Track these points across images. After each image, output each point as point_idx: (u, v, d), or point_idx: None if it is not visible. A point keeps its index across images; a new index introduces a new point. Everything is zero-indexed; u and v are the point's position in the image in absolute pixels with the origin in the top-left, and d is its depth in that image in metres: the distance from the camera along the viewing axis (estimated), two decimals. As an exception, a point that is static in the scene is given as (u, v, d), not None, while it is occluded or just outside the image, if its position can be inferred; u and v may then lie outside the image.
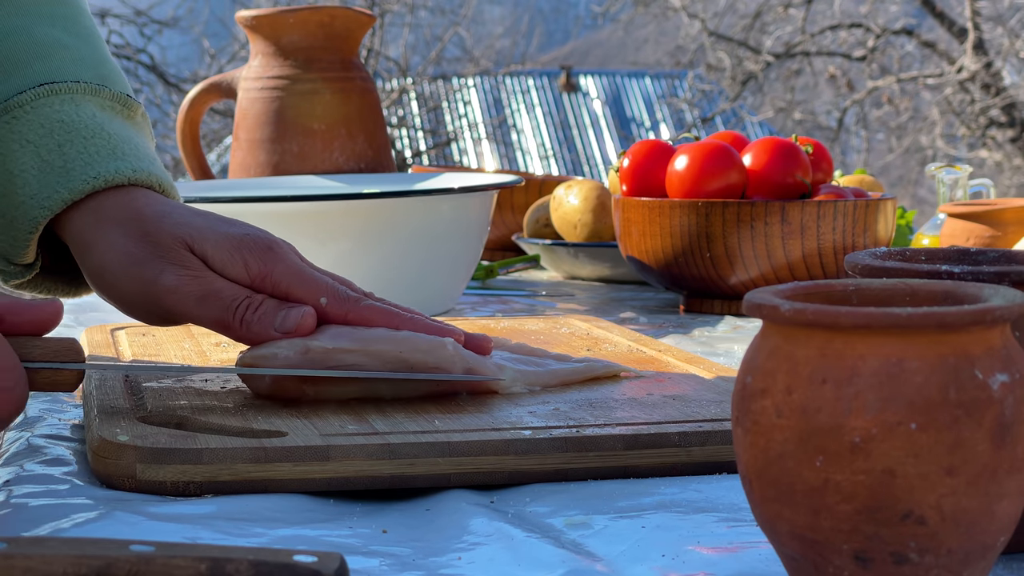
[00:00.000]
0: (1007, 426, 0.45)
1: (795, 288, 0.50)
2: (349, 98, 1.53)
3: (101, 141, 0.79)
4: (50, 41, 0.84)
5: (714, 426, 0.71)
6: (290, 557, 0.47)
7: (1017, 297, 0.47)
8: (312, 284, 0.76)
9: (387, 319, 0.77)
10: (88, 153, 0.78)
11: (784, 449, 0.46)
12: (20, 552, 0.46)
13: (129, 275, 0.76)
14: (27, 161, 0.78)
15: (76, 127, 0.79)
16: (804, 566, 0.48)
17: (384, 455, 0.66)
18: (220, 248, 0.76)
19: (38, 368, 0.70)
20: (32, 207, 0.78)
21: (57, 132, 0.79)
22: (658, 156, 1.27)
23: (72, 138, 0.79)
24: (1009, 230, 1.32)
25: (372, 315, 0.77)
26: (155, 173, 0.80)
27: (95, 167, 0.78)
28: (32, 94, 0.80)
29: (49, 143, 0.79)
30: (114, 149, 0.79)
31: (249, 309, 0.75)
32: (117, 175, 0.78)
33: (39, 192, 0.77)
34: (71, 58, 0.83)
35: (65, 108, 0.80)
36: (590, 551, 0.57)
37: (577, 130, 13.85)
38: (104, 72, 0.85)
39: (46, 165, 0.78)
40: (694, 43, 11.44)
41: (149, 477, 0.65)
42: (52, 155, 0.78)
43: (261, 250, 0.76)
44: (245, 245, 0.76)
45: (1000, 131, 10.01)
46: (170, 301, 0.75)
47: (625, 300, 1.37)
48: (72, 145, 0.79)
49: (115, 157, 0.79)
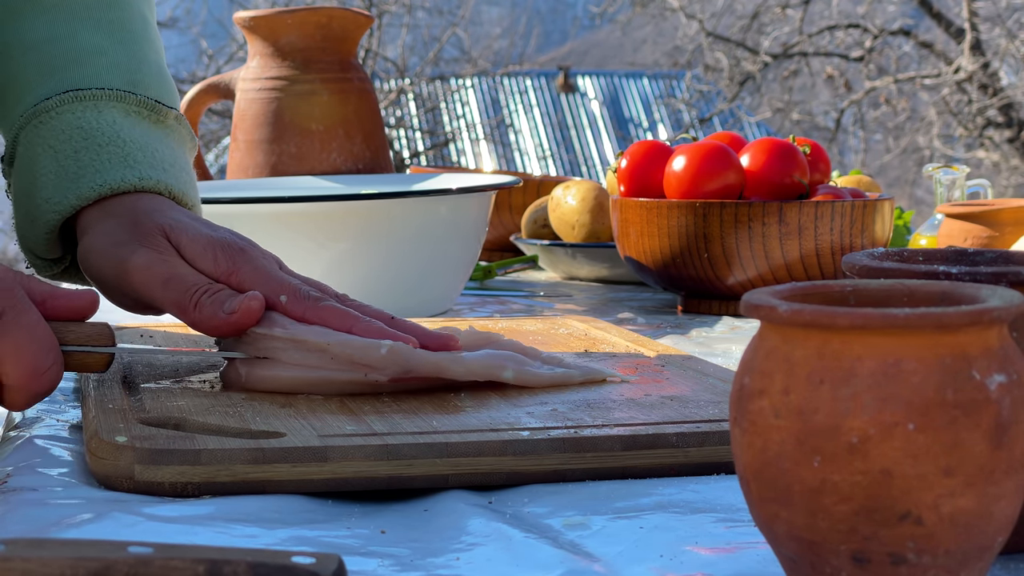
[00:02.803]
0: (1004, 427, 0.45)
1: (793, 289, 0.50)
2: (347, 99, 1.53)
3: (115, 149, 0.82)
4: (89, 47, 0.87)
5: (712, 427, 0.71)
6: (288, 558, 0.47)
7: (1015, 298, 0.47)
8: (275, 283, 0.79)
9: (341, 320, 0.78)
10: (100, 160, 0.82)
11: (782, 450, 0.46)
12: (18, 554, 0.46)
13: (107, 254, 0.79)
14: (47, 166, 0.82)
15: (93, 134, 0.83)
16: (802, 566, 0.48)
17: (382, 456, 0.66)
18: (195, 241, 0.79)
19: (72, 351, 0.74)
20: (46, 210, 0.82)
21: (75, 138, 0.82)
22: (656, 157, 1.27)
23: (88, 145, 0.82)
24: (1006, 230, 1.32)
25: (327, 316, 0.78)
26: (164, 181, 0.83)
27: (103, 175, 0.81)
28: (58, 100, 0.84)
29: (67, 149, 0.82)
30: (126, 157, 0.82)
31: (206, 294, 0.77)
32: (123, 183, 0.81)
33: (53, 196, 0.82)
34: (105, 64, 0.86)
35: (87, 115, 0.83)
36: (588, 551, 0.57)
37: (575, 131, 13.85)
38: (138, 77, 0.87)
39: (62, 170, 0.82)
40: (692, 44, 11.44)
41: (147, 478, 0.65)
42: (68, 161, 0.82)
43: (233, 250, 0.79)
44: (219, 244, 0.79)
45: (997, 131, 10.02)
46: (138, 279, 0.78)
47: (623, 301, 1.37)
48: (87, 152, 0.82)
49: (125, 165, 0.82)
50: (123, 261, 0.79)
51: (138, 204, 0.81)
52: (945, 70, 10.01)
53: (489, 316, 1.25)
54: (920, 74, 10.33)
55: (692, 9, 11.31)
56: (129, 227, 0.80)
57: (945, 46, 10.48)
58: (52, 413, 0.80)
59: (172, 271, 0.78)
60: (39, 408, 0.81)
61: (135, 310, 0.82)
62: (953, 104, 10.17)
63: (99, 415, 0.71)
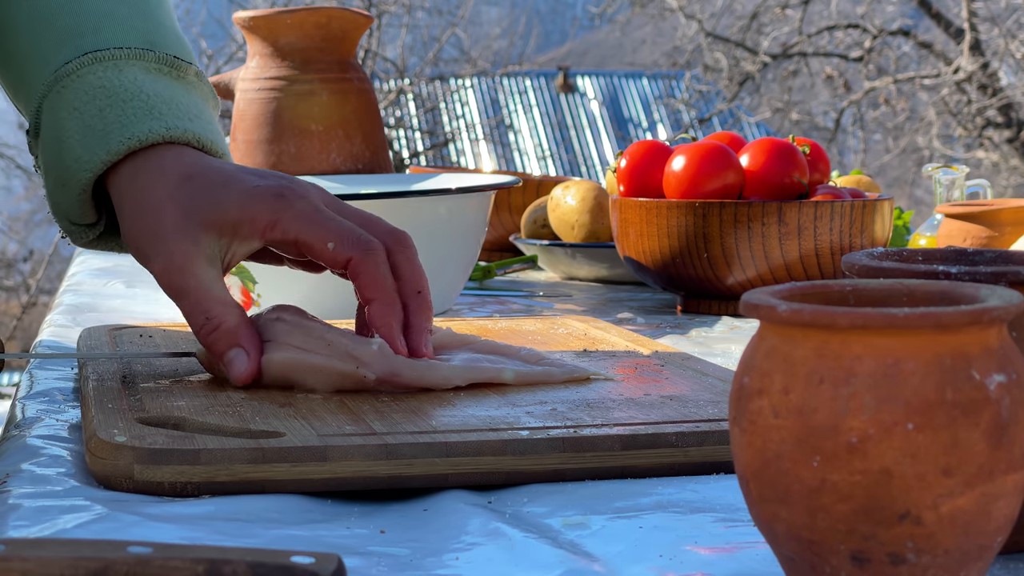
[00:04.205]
0: (1004, 426, 0.45)
1: (792, 288, 0.50)
2: (346, 99, 1.53)
3: (139, 103, 0.83)
4: (103, 12, 0.87)
5: (711, 426, 0.71)
6: (288, 558, 0.47)
7: (1014, 297, 0.47)
8: (321, 230, 0.78)
9: (370, 287, 0.79)
10: (126, 115, 0.82)
11: (781, 449, 0.46)
12: (17, 554, 0.46)
13: (136, 248, 0.81)
14: (73, 127, 0.82)
15: (116, 91, 0.83)
16: (801, 566, 0.48)
17: (382, 455, 0.66)
18: (229, 211, 0.79)
19: None
20: (77, 170, 0.82)
21: (99, 97, 0.83)
22: (655, 157, 1.27)
23: (112, 102, 0.82)
24: (1006, 230, 1.32)
25: (363, 276, 0.79)
26: (192, 130, 0.83)
27: (131, 128, 0.81)
28: (78, 63, 0.84)
29: (91, 108, 0.82)
30: (151, 110, 0.82)
31: (203, 328, 0.79)
32: (151, 134, 0.81)
33: (82, 156, 0.82)
34: (121, 27, 0.87)
35: (108, 74, 0.84)
36: (587, 551, 0.57)
37: (574, 131, 13.85)
38: (155, 38, 0.88)
39: (89, 130, 0.82)
40: (691, 44, 11.44)
41: (147, 478, 0.65)
42: (94, 120, 0.82)
43: (269, 200, 0.79)
44: (254, 198, 0.79)
45: (997, 132, 10.02)
46: (160, 283, 0.80)
47: (622, 301, 1.37)
48: (112, 109, 0.82)
49: (151, 117, 0.82)
50: (146, 263, 0.80)
51: (167, 163, 0.81)
52: (944, 70, 10.01)
53: (488, 316, 1.26)
54: (919, 74, 10.33)
55: (691, 9, 11.30)
56: (157, 212, 0.79)
57: (944, 46, 10.48)
58: (51, 413, 0.80)
59: (184, 285, 0.79)
60: (39, 408, 0.81)
61: None
62: (952, 104, 10.17)
63: (98, 415, 0.71)
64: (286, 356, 0.78)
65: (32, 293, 9.87)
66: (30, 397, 0.84)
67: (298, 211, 0.79)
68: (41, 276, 9.68)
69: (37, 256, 10.74)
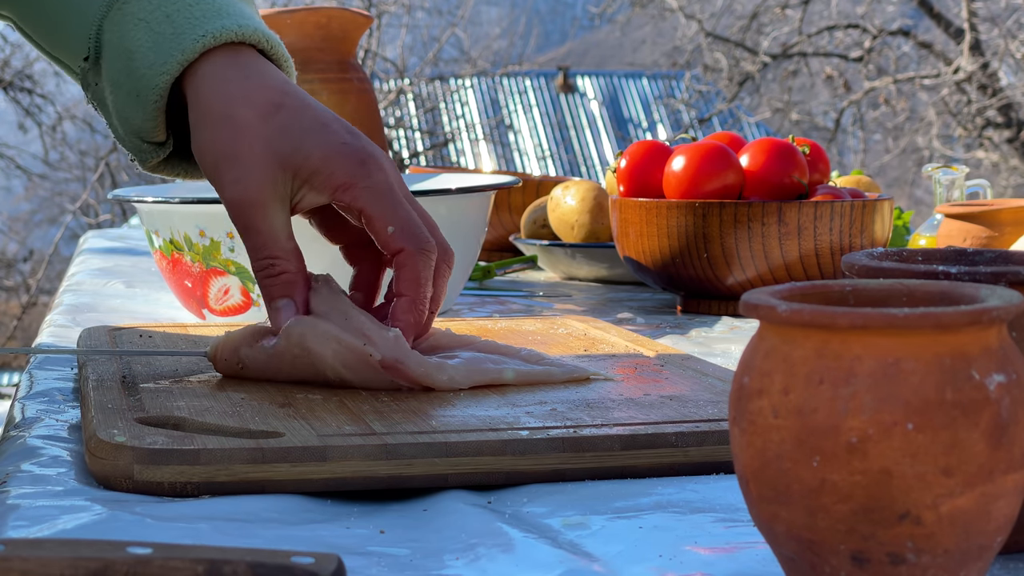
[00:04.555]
0: (1004, 426, 0.45)
1: (792, 289, 0.50)
2: (346, 99, 1.53)
3: (205, 5, 0.84)
4: None
5: (711, 426, 0.71)
6: (288, 558, 0.47)
7: (1014, 297, 0.47)
8: (389, 210, 0.80)
9: (412, 288, 0.80)
10: (194, 17, 0.83)
11: (781, 449, 0.46)
12: (17, 554, 0.46)
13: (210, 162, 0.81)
14: (141, 37, 0.83)
15: None
16: (801, 566, 0.48)
17: (381, 455, 0.66)
18: (312, 159, 0.79)
19: None
20: (152, 76, 0.82)
21: (164, 5, 0.84)
22: (655, 157, 1.27)
23: (178, 7, 0.83)
24: (1006, 230, 1.32)
25: (406, 276, 0.80)
26: (260, 30, 0.84)
27: (202, 26, 0.82)
28: None
29: (158, 16, 0.83)
30: (218, 10, 0.83)
31: (265, 271, 0.80)
32: (224, 31, 0.82)
33: (156, 61, 0.82)
34: None
35: None
36: (587, 551, 0.57)
37: (574, 131, 13.84)
38: None
39: (158, 36, 0.82)
40: (691, 44, 11.44)
41: (147, 478, 0.65)
42: (162, 26, 0.83)
43: (353, 162, 0.80)
44: (340, 155, 0.80)
45: (997, 132, 10.02)
46: (228, 210, 0.81)
47: (622, 301, 1.37)
48: (179, 14, 0.83)
49: (220, 16, 0.83)
50: (218, 183, 0.81)
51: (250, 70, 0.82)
52: (944, 70, 10.01)
53: (488, 316, 1.25)
54: (919, 74, 10.33)
55: (691, 9, 11.30)
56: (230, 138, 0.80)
57: (944, 46, 10.48)
58: (51, 413, 0.80)
59: (256, 223, 0.80)
60: (38, 408, 0.81)
61: None
62: (952, 104, 10.17)
63: (98, 415, 0.71)
64: (305, 323, 0.79)
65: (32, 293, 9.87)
66: (30, 397, 0.84)
67: (374, 183, 0.80)
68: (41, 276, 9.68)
69: (37, 256, 10.74)
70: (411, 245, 0.80)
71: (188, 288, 1.14)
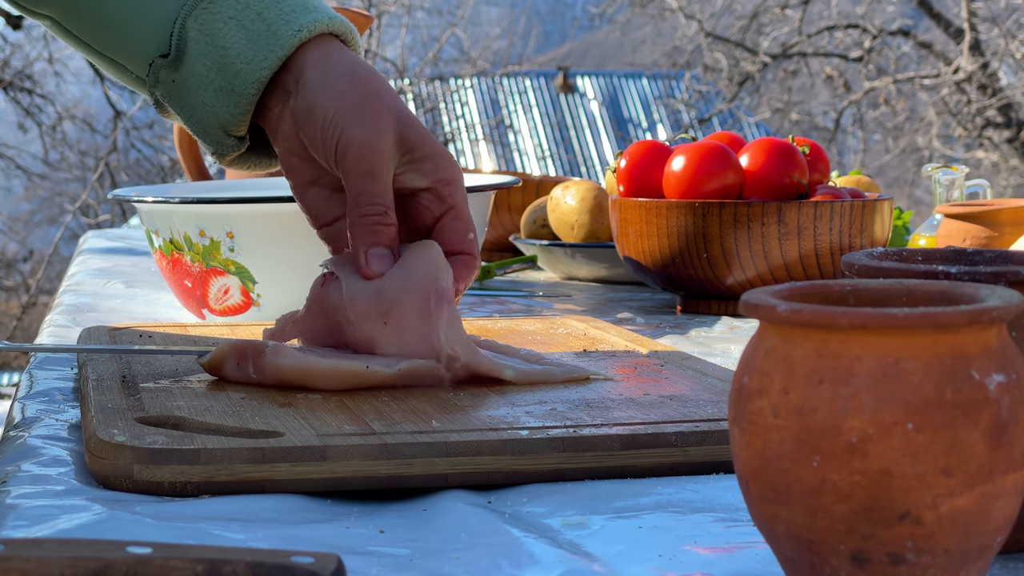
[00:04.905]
0: (1003, 426, 0.45)
1: (792, 288, 0.50)
2: (346, 99, 1.53)
3: (292, 1, 0.88)
4: None
5: (711, 426, 0.71)
6: (287, 558, 0.47)
7: (1013, 297, 0.47)
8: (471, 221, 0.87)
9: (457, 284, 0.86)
10: (285, 13, 0.87)
11: (781, 449, 0.46)
12: (17, 554, 0.46)
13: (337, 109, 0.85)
14: (234, 35, 0.87)
15: None
16: (801, 566, 0.48)
17: (381, 455, 0.66)
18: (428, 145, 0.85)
19: None
20: (252, 71, 0.86)
21: (252, 4, 0.87)
22: (655, 157, 1.27)
23: (267, 5, 0.87)
24: (1005, 230, 1.32)
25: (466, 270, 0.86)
26: (344, 21, 0.89)
27: (295, 22, 0.86)
28: None
29: (249, 14, 0.87)
30: (305, 5, 0.88)
31: (377, 216, 0.84)
32: (317, 23, 0.86)
33: (254, 57, 0.86)
34: None
35: None
36: (587, 551, 0.57)
37: (574, 131, 13.84)
38: None
39: (252, 34, 0.86)
40: (691, 44, 11.44)
41: (146, 478, 0.65)
42: (255, 23, 0.87)
43: (455, 164, 0.87)
44: (446, 153, 0.86)
45: (996, 132, 10.02)
46: (350, 157, 0.84)
47: (622, 301, 1.37)
48: (269, 11, 0.87)
49: (308, 11, 0.87)
50: (341, 128, 0.84)
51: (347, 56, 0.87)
52: (944, 70, 10.01)
53: (488, 316, 1.25)
54: (919, 74, 10.33)
55: (691, 9, 11.30)
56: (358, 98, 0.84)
57: (944, 46, 10.48)
58: (51, 413, 0.80)
59: (378, 168, 0.83)
60: (38, 408, 0.81)
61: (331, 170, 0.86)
62: (952, 104, 10.17)
63: (98, 415, 0.71)
64: (292, 364, 0.79)
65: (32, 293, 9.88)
66: (30, 397, 0.84)
67: (465, 193, 0.88)
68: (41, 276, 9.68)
69: (37, 256, 10.74)
70: (475, 257, 0.87)
71: (188, 288, 1.14)
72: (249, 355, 0.80)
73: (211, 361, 0.82)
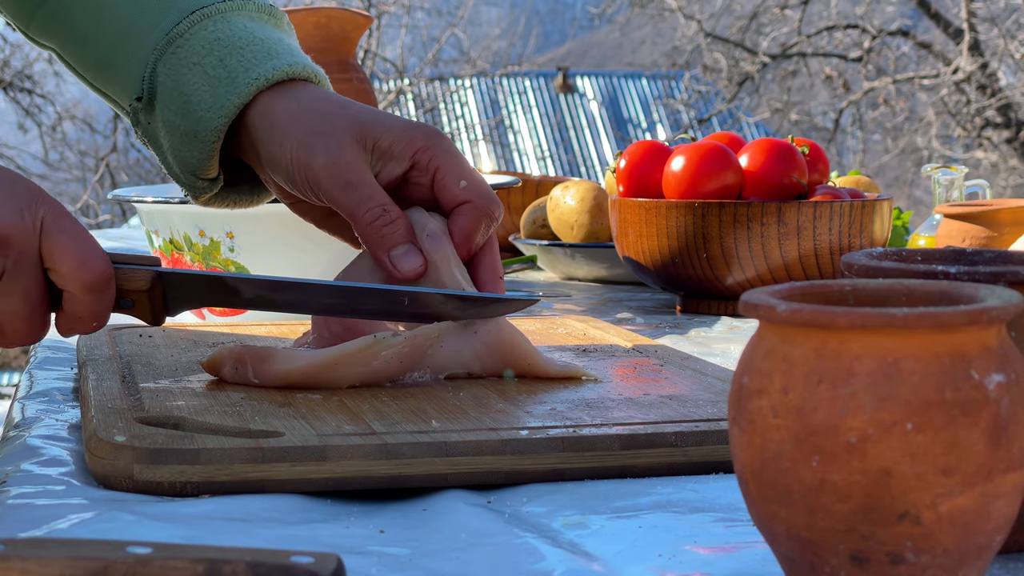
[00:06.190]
0: (1003, 426, 0.45)
1: (791, 288, 0.50)
2: (346, 99, 1.53)
3: (255, 47, 0.87)
4: None
5: (710, 426, 0.71)
6: (287, 558, 0.47)
7: (1013, 297, 0.47)
8: (461, 168, 0.85)
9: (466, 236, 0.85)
10: (246, 60, 0.87)
11: (780, 449, 0.46)
12: (17, 554, 0.46)
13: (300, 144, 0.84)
14: (196, 81, 0.87)
15: (231, 41, 0.88)
16: (800, 566, 0.48)
17: (381, 455, 0.66)
18: (393, 130, 0.85)
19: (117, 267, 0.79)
20: (211, 119, 0.86)
21: (216, 49, 0.87)
22: (655, 157, 1.27)
23: (230, 51, 0.87)
24: (1005, 231, 1.32)
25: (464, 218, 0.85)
26: (309, 66, 0.89)
27: (255, 69, 0.86)
28: (188, 22, 0.88)
29: (212, 60, 0.87)
30: (268, 51, 0.87)
31: (380, 219, 0.83)
32: (275, 72, 0.86)
33: (213, 104, 0.86)
34: None
35: (218, 27, 0.88)
36: (587, 551, 0.57)
37: (574, 131, 13.84)
38: None
39: (213, 80, 0.86)
40: (690, 44, 11.44)
41: (146, 477, 0.65)
42: (217, 70, 0.86)
43: (426, 131, 0.86)
44: (414, 127, 0.86)
45: (996, 132, 10.02)
46: (323, 176, 0.83)
47: (622, 301, 1.37)
48: (231, 57, 0.87)
49: (270, 57, 0.87)
50: (310, 155, 0.83)
51: (311, 92, 0.86)
52: (943, 70, 10.01)
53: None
54: (918, 74, 10.33)
55: (691, 10, 11.31)
56: (309, 128, 0.84)
57: (943, 46, 10.48)
58: (51, 413, 0.80)
59: (356, 178, 0.83)
60: (38, 408, 0.81)
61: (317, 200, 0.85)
62: (951, 104, 10.17)
63: (98, 415, 0.71)
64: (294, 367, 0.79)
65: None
66: (30, 397, 0.84)
67: (446, 147, 0.86)
68: (40, 276, 9.65)
69: (36, 256, 10.71)
70: (479, 201, 0.85)
71: (188, 288, 1.14)
72: (248, 361, 0.80)
73: (211, 362, 0.82)
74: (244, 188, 0.93)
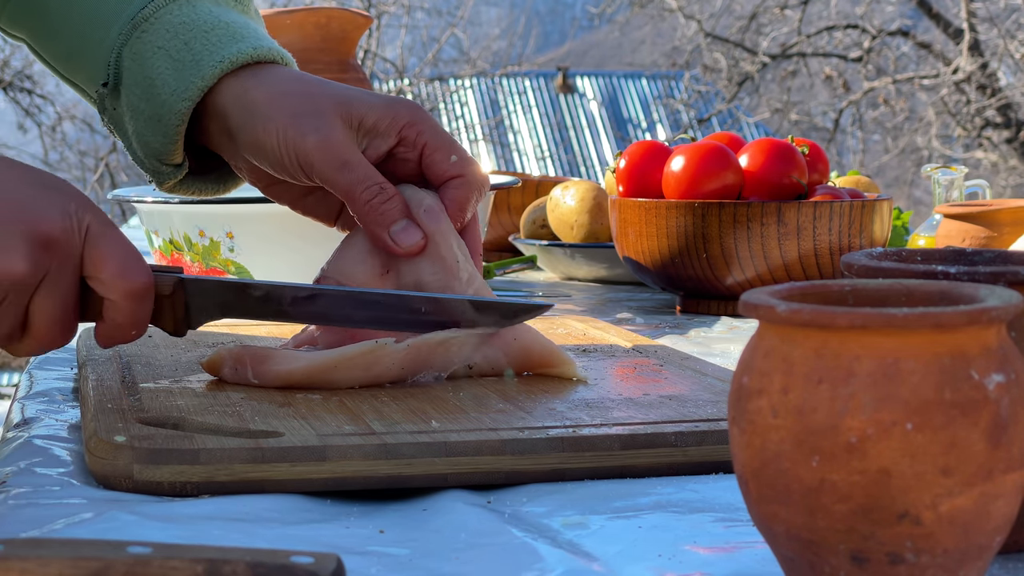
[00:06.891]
0: (1003, 426, 0.45)
1: (791, 288, 0.50)
2: (346, 99, 1.53)
3: (220, 31, 0.87)
4: None
5: (710, 426, 0.71)
6: (287, 558, 0.47)
7: (1013, 297, 0.47)
8: (449, 143, 0.86)
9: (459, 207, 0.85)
10: (211, 43, 0.86)
11: (780, 449, 0.46)
12: (17, 554, 0.46)
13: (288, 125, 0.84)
14: (161, 65, 0.86)
15: (196, 24, 0.87)
16: (800, 566, 0.48)
17: (381, 455, 0.66)
18: (376, 108, 0.85)
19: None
20: (175, 102, 0.85)
21: (181, 33, 0.87)
22: (654, 157, 1.27)
23: (195, 35, 0.87)
24: (1005, 231, 1.32)
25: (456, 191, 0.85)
26: (275, 49, 0.88)
27: (219, 52, 0.86)
28: (153, 6, 0.88)
29: (176, 44, 0.86)
30: (233, 35, 0.87)
31: (378, 197, 0.83)
32: (240, 55, 0.86)
33: (177, 88, 0.85)
34: None
35: (184, 11, 0.88)
36: (587, 551, 0.57)
37: (574, 131, 13.85)
38: None
39: (178, 64, 0.86)
40: (690, 44, 11.44)
41: (146, 478, 0.65)
42: (181, 53, 0.86)
43: (411, 107, 0.86)
44: (397, 102, 0.86)
45: (996, 132, 10.02)
46: (317, 157, 0.83)
47: (622, 301, 1.37)
48: (196, 40, 0.86)
49: (235, 40, 0.87)
50: (300, 136, 0.83)
51: (280, 72, 0.86)
52: (943, 70, 10.01)
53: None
54: (918, 74, 10.33)
55: (690, 10, 11.31)
56: (293, 107, 0.84)
57: (943, 47, 10.48)
58: (51, 413, 0.80)
59: (349, 157, 0.83)
60: (38, 408, 0.81)
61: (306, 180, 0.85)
62: (951, 104, 10.17)
63: (98, 415, 0.71)
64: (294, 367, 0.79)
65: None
66: (30, 397, 0.84)
67: (432, 123, 0.86)
68: (40, 276, 9.65)
69: (36, 256, 10.71)
70: (470, 174, 0.86)
71: (188, 288, 1.14)
72: (247, 362, 0.80)
73: (210, 362, 0.82)
74: (212, 176, 0.93)
